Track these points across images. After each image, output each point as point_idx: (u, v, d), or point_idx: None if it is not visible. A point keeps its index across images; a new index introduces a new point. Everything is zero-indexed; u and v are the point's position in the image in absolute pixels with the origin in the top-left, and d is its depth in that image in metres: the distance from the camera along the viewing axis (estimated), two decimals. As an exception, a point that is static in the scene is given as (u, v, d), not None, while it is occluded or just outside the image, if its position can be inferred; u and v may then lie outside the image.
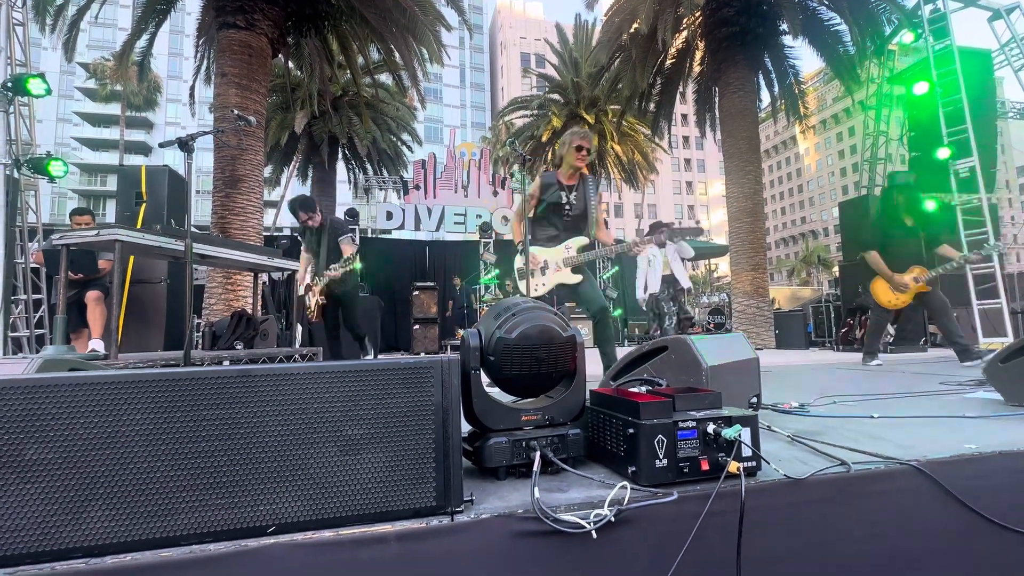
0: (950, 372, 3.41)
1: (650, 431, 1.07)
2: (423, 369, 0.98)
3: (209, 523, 0.84)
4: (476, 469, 1.20)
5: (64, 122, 44.73)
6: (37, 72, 4.99)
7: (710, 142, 12.94)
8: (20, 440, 0.78)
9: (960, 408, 2.01)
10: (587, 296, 3.07)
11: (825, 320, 8.84)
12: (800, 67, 10.53)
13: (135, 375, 0.84)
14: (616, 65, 11.78)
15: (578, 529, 0.94)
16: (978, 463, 1.27)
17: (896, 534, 1.15)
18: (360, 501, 0.91)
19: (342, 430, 0.92)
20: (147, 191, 5.64)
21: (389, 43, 9.23)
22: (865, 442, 1.43)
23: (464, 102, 58.63)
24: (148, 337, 5.46)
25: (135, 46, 9.07)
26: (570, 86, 18.71)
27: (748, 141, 9.53)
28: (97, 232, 3.31)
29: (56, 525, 0.78)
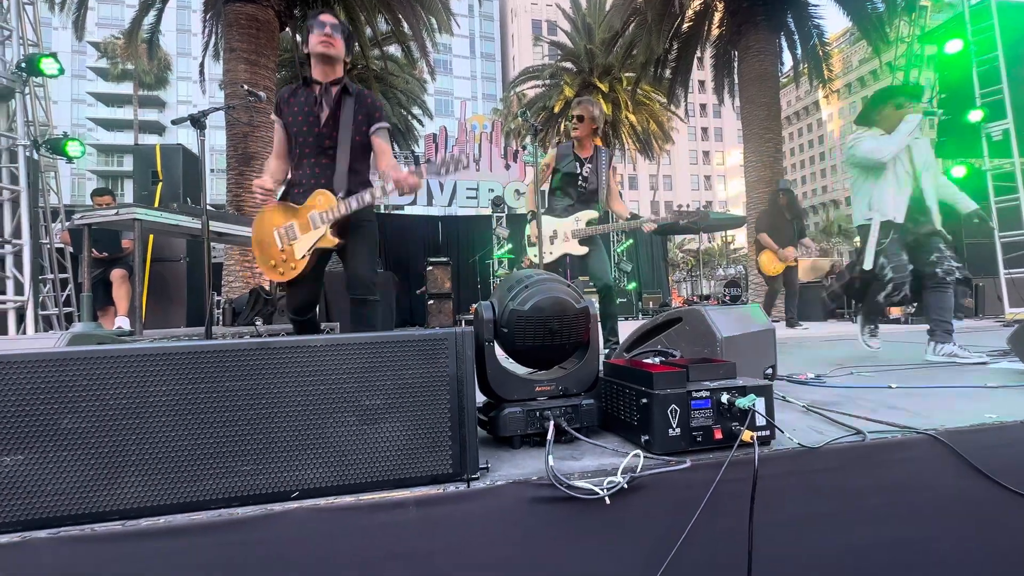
0: (973, 343, 3.34)
1: (663, 401, 1.07)
2: (438, 341, 0.99)
3: (236, 488, 0.88)
4: (491, 439, 1.22)
5: (78, 103, 45.05)
6: (49, 52, 5.00)
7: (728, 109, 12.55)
8: (55, 410, 0.81)
9: (982, 378, 1.98)
10: (593, 270, 3.12)
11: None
12: (825, 27, 10.05)
13: (161, 348, 0.87)
14: (631, 30, 11.38)
15: (591, 495, 0.96)
16: (998, 432, 1.25)
17: (912, 503, 1.15)
18: (379, 468, 0.94)
19: (360, 400, 0.94)
20: (162, 170, 5.70)
21: (397, 13, 9.03)
22: (882, 412, 1.42)
23: (474, 73, 57.42)
24: (170, 314, 5.61)
25: (143, 23, 9.02)
26: (583, 53, 18.18)
27: (768, 107, 9.21)
28: (116, 211, 3.37)
29: (93, 490, 0.82)
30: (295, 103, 2.12)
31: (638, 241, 13.24)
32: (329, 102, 2.11)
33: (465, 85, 56.03)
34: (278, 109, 2.15)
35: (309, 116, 2.10)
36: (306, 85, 2.15)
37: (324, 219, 2.06)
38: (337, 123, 2.12)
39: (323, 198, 2.06)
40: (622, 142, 19.05)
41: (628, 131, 18.77)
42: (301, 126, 2.11)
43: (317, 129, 2.11)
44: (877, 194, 2.76)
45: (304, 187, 2.10)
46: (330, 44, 2.08)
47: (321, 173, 2.12)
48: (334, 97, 2.12)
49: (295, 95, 2.14)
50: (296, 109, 2.12)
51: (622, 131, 18.68)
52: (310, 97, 2.12)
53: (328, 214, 2.05)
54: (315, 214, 2.06)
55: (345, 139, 2.11)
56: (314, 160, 2.12)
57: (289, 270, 2.10)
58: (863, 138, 2.77)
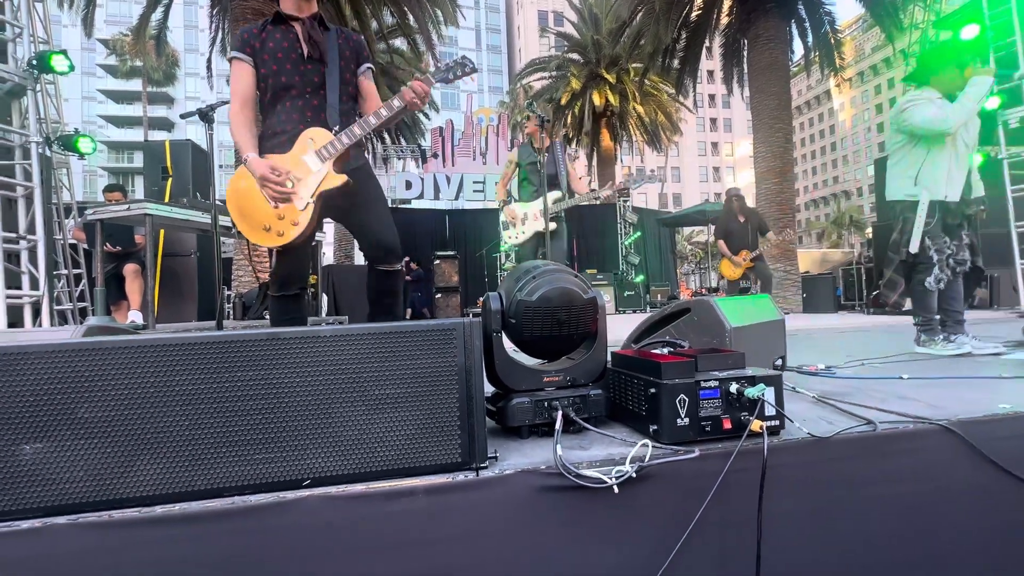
0: (988, 334, 3.30)
1: (672, 390, 1.07)
2: (446, 331, 1.00)
3: (249, 476, 0.89)
4: (500, 429, 1.23)
5: (89, 100, 45.50)
6: (59, 49, 5.04)
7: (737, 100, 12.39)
8: (72, 399, 0.83)
9: (995, 369, 1.95)
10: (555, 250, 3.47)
11: (856, 283, 8.58)
12: (836, 14, 9.87)
13: (175, 338, 0.88)
14: (638, 19, 11.25)
15: (600, 484, 0.96)
16: (1013, 423, 1.23)
17: (923, 494, 1.15)
18: (389, 457, 0.95)
19: (370, 390, 0.95)
20: (172, 165, 5.75)
21: (403, 6, 8.99)
22: (893, 402, 1.41)
23: (480, 65, 57.10)
24: (182, 308, 5.67)
25: (151, 19, 9.06)
26: (590, 44, 18.01)
27: (778, 97, 9.08)
28: (128, 207, 3.41)
29: (110, 477, 0.84)
30: (269, 40, 1.84)
31: (646, 234, 13.17)
32: (316, 37, 1.87)
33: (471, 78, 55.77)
34: (247, 47, 1.84)
35: (291, 53, 1.83)
36: (278, 22, 1.88)
37: (324, 155, 1.77)
38: (324, 57, 1.87)
39: (316, 134, 1.80)
40: (629, 134, 18.89)
41: (636, 122, 18.60)
42: (283, 63, 1.82)
43: (303, 66, 1.84)
44: (929, 168, 2.43)
45: (289, 133, 1.82)
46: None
47: (313, 114, 1.85)
48: (311, 33, 1.88)
49: (265, 32, 1.86)
50: (272, 46, 1.83)
51: (629, 122, 18.52)
52: (288, 33, 1.86)
53: (329, 148, 1.77)
54: (310, 154, 1.78)
55: (334, 73, 1.87)
56: (301, 102, 1.85)
57: (289, 227, 1.77)
58: (920, 102, 2.41)
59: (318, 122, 1.83)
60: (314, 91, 1.86)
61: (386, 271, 1.91)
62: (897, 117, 2.53)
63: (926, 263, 2.45)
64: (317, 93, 1.86)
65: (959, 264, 2.48)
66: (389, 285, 1.93)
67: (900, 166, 2.57)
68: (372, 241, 1.89)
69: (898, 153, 2.58)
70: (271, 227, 1.77)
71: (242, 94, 1.85)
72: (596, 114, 17.89)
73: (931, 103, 2.41)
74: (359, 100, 2.01)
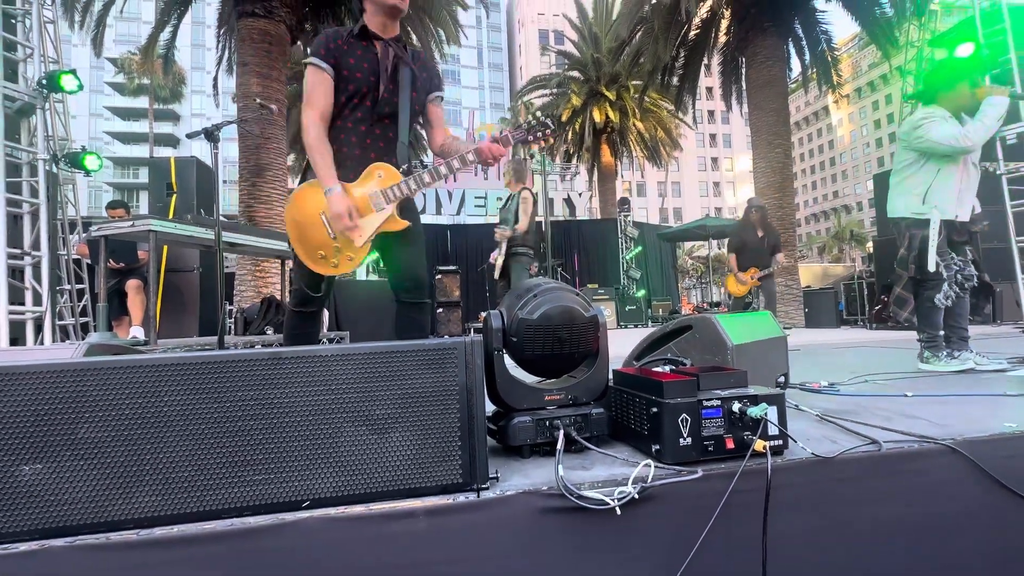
0: (993, 350, 3.28)
1: (674, 410, 1.07)
2: (447, 351, 1.00)
3: (248, 497, 0.88)
4: (501, 448, 1.22)
5: (96, 117, 46.16)
6: (69, 69, 5.14)
7: (736, 115, 12.52)
8: (73, 420, 0.83)
9: (1000, 386, 1.94)
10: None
11: (858, 297, 8.57)
12: (833, 32, 10.02)
13: (176, 358, 0.89)
14: (638, 38, 11.44)
15: (602, 506, 0.95)
16: (1019, 442, 1.22)
17: (929, 515, 1.13)
18: (389, 478, 0.94)
19: (370, 410, 0.95)
20: (177, 182, 5.81)
21: (406, 25, 9.15)
22: (898, 421, 1.40)
23: (482, 83, 57.95)
24: (183, 323, 5.68)
25: (159, 39, 9.24)
26: (590, 62, 18.27)
27: (777, 113, 9.18)
28: (132, 223, 3.44)
29: (109, 499, 0.84)
30: (353, 58, 1.71)
31: (647, 248, 13.21)
32: (390, 63, 1.76)
33: (473, 95, 56.54)
34: (328, 57, 1.69)
35: (370, 75, 1.72)
36: (361, 37, 1.75)
37: (391, 197, 1.70)
38: (398, 86, 1.76)
39: (386, 172, 1.71)
40: (630, 149, 19.06)
41: (635, 138, 18.78)
42: (361, 84, 1.71)
43: (378, 92, 1.74)
44: (940, 187, 2.39)
45: (354, 159, 1.72)
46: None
47: (378, 145, 1.76)
48: (394, 55, 1.77)
49: (351, 47, 1.72)
50: (353, 62, 1.70)
51: (629, 138, 18.69)
52: (368, 51, 1.74)
53: (396, 191, 1.69)
54: (377, 192, 1.69)
55: (406, 106, 1.77)
56: (366, 129, 1.74)
57: (345, 261, 1.72)
58: (936, 119, 2.36)
59: (387, 156, 1.77)
60: (380, 123, 1.78)
61: (415, 303, 1.86)
62: (910, 134, 2.47)
63: (935, 280, 2.42)
64: (386, 123, 1.79)
65: (967, 280, 2.46)
66: (419, 320, 1.86)
67: (907, 183, 2.52)
68: (406, 275, 1.84)
69: (906, 170, 2.54)
70: (327, 256, 1.72)
71: (322, 107, 1.70)
72: (596, 130, 18.09)
73: (946, 121, 2.38)
74: (426, 127, 1.96)
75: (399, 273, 1.85)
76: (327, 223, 1.69)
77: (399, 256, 1.84)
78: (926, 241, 2.43)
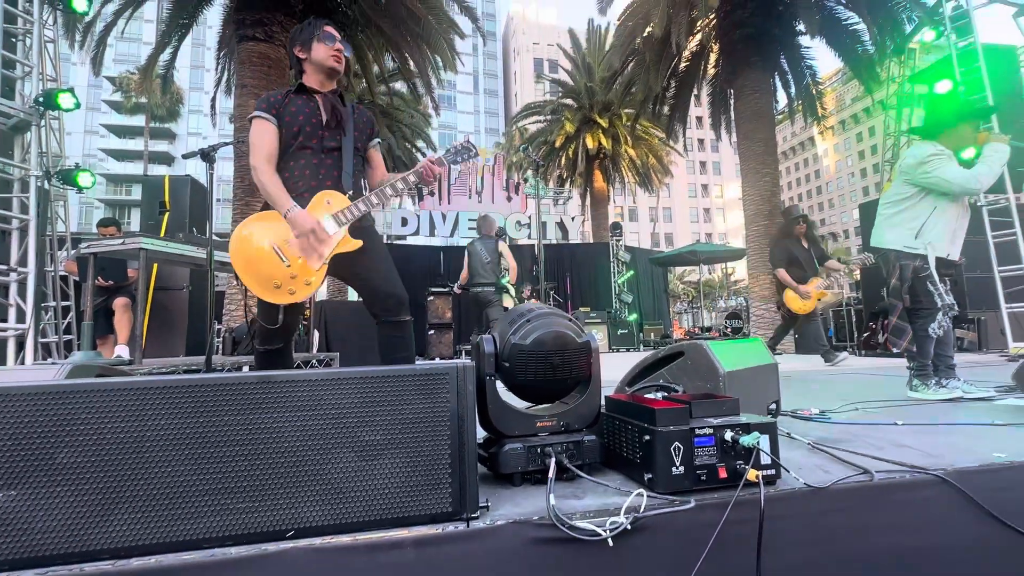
0: (979, 378, 3.31)
1: (666, 438, 1.06)
2: (439, 375, 0.99)
3: (230, 527, 0.86)
4: (491, 475, 1.20)
5: (91, 134, 46.23)
6: (67, 87, 5.17)
7: (726, 144, 12.83)
8: (52, 444, 0.81)
9: (989, 415, 1.95)
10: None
11: (847, 324, 8.65)
12: (817, 67, 10.39)
13: (161, 381, 0.87)
14: (630, 69, 11.76)
15: (594, 537, 0.93)
16: (1009, 473, 1.23)
17: (921, 546, 1.12)
18: (377, 506, 0.92)
19: (359, 436, 0.93)
20: (170, 200, 5.80)
21: (404, 52, 9.36)
22: (889, 450, 1.40)
23: (478, 108, 59.03)
24: (171, 342, 5.59)
25: (159, 60, 9.35)
26: (583, 91, 18.71)
27: (764, 143, 9.41)
28: (123, 241, 3.41)
29: (84, 527, 0.81)
30: (294, 108, 1.91)
31: (638, 272, 13.30)
32: (329, 109, 1.96)
33: (468, 119, 57.49)
34: (270, 109, 1.89)
35: (312, 118, 1.91)
36: (300, 92, 1.96)
37: (342, 219, 1.81)
38: (341, 126, 1.96)
39: (332, 197, 1.83)
40: (622, 175, 19.38)
41: (627, 165, 19.12)
42: (304, 125, 1.89)
43: (322, 131, 1.92)
44: (934, 224, 2.45)
45: (302, 190, 1.84)
46: (340, 60, 1.97)
47: (326, 174, 1.89)
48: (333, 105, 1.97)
49: (290, 101, 1.93)
50: (294, 110, 1.91)
51: (621, 165, 19.03)
52: (309, 102, 1.94)
53: (347, 213, 1.81)
54: (327, 216, 1.81)
55: (349, 144, 1.95)
56: (316, 161, 1.90)
57: (302, 287, 1.78)
58: (945, 157, 2.38)
59: (334, 185, 1.89)
60: (329, 154, 1.92)
61: (396, 322, 1.88)
62: (916, 168, 2.46)
63: (930, 309, 2.47)
64: (333, 156, 1.93)
65: (950, 309, 2.52)
66: (401, 340, 1.88)
67: (901, 216, 2.56)
68: (381, 293, 1.88)
69: (903, 203, 2.56)
70: (282, 285, 1.77)
71: (269, 151, 1.88)
72: (589, 156, 18.41)
73: (952, 160, 2.41)
74: (367, 169, 2.11)
75: (376, 292, 1.89)
76: (279, 253, 1.78)
77: (373, 275, 1.89)
78: (919, 272, 2.48)
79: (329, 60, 1.95)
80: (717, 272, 37.36)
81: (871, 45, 9.15)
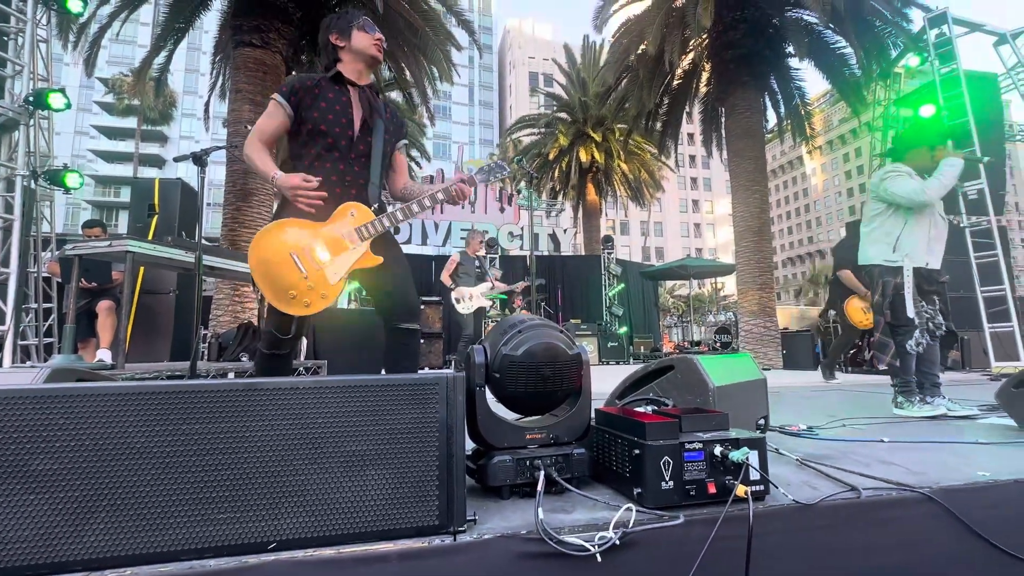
0: (963, 397, 3.35)
1: (656, 452, 1.05)
2: (428, 385, 0.98)
3: (209, 538, 0.83)
4: (479, 488, 1.18)
5: (81, 134, 45.74)
6: (58, 87, 5.12)
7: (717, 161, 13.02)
8: (27, 450, 0.78)
9: (973, 434, 1.97)
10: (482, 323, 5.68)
11: (833, 340, 8.74)
12: (806, 89, 10.61)
13: (143, 386, 0.85)
14: (623, 85, 11.92)
15: (582, 552, 0.92)
16: (992, 491, 1.24)
17: (907, 563, 1.12)
18: (362, 519, 0.90)
19: (345, 446, 0.92)
20: (160, 203, 5.74)
21: (400, 61, 9.41)
22: (876, 467, 1.40)
23: (472, 119, 59.40)
24: (155, 347, 5.49)
25: (153, 63, 9.30)
26: (577, 105, 18.94)
27: (754, 161, 9.56)
28: (109, 243, 3.36)
29: (57, 537, 0.78)
30: (322, 97, 1.79)
31: (629, 286, 13.36)
32: (366, 105, 1.84)
33: (463, 130, 57.81)
34: (293, 96, 1.78)
35: (342, 116, 1.79)
36: (335, 82, 1.84)
37: (364, 235, 1.72)
38: (371, 130, 1.84)
39: (357, 210, 1.74)
40: (614, 189, 19.55)
41: (620, 179, 19.31)
42: (333, 126, 1.77)
43: (351, 132, 1.80)
44: (907, 237, 2.59)
45: (326, 198, 1.72)
46: (381, 50, 1.87)
47: (352, 181, 1.79)
48: (368, 102, 1.86)
49: (322, 90, 1.81)
50: (325, 105, 1.78)
51: (614, 179, 19.21)
52: (340, 95, 1.82)
53: (369, 228, 1.72)
54: (351, 230, 1.72)
55: (379, 149, 1.84)
56: (342, 167, 1.78)
57: (318, 300, 1.68)
58: (901, 175, 2.59)
59: (358, 195, 1.80)
60: (357, 159, 1.82)
61: (406, 329, 1.82)
62: (878, 186, 2.69)
63: (907, 326, 2.53)
64: (360, 162, 1.83)
65: (936, 328, 2.57)
66: (413, 347, 1.83)
67: (878, 232, 2.69)
68: (400, 299, 1.82)
69: (876, 219, 2.71)
70: (297, 296, 1.68)
71: (268, 133, 1.79)
72: (582, 169, 18.58)
73: (910, 176, 2.61)
74: (389, 173, 2.00)
75: (392, 298, 1.82)
76: (298, 262, 1.67)
77: (390, 281, 1.82)
78: (899, 288, 2.56)
79: (371, 48, 1.85)
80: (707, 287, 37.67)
81: (858, 69, 9.38)
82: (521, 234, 12.15)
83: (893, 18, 8.43)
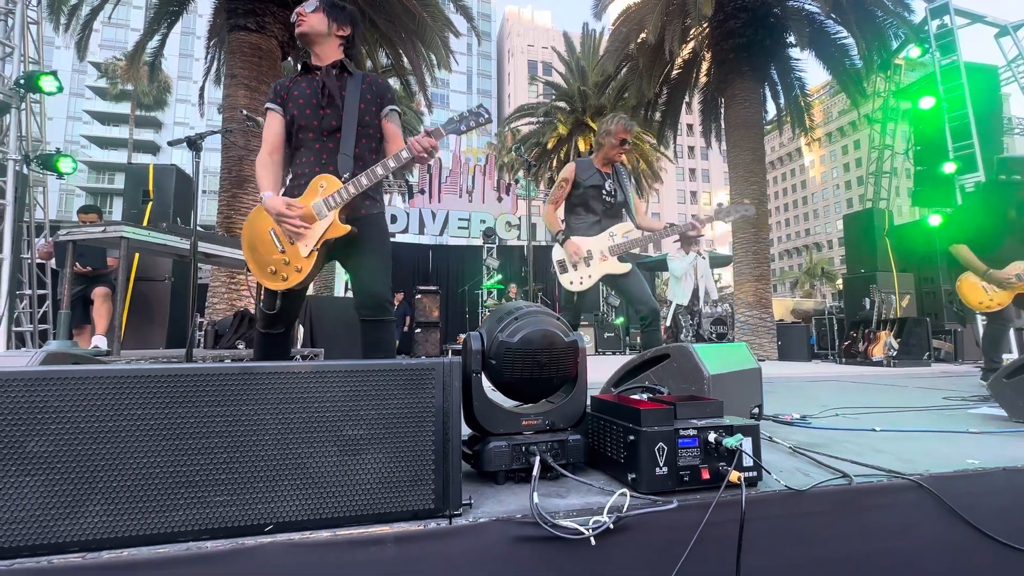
0: (954, 387, 3.39)
1: (651, 438, 1.06)
2: (425, 371, 0.98)
3: (206, 520, 0.84)
4: (475, 473, 1.19)
5: (74, 120, 45.18)
6: (49, 70, 5.04)
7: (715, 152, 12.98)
8: (23, 432, 0.78)
9: (963, 423, 1.99)
10: (637, 294, 2.71)
11: (828, 332, 8.81)
12: (806, 80, 10.55)
13: (140, 369, 0.85)
14: (623, 74, 11.84)
15: (577, 535, 0.93)
16: (981, 479, 1.26)
17: (897, 549, 1.14)
18: (358, 502, 0.91)
19: (342, 430, 0.92)
20: (154, 189, 5.69)
21: (398, 48, 9.31)
22: (867, 455, 1.42)
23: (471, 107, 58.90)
24: (151, 334, 5.48)
25: (147, 47, 9.17)
26: (576, 94, 18.80)
27: (753, 152, 9.54)
28: (104, 229, 3.33)
29: (54, 518, 0.78)
30: (297, 91, 1.89)
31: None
32: (331, 83, 1.88)
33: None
34: (278, 98, 1.90)
35: (312, 99, 1.87)
36: (306, 72, 1.93)
37: (331, 204, 1.75)
38: (342, 104, 1.88)
39: (326, 181, 1.78)
40: (612, 179, 19.51)
41: (618, 169, 19.26)
42: (304, 109, 1.86)
43: (321, 111, 1.87)
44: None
45: (306, 177, 1.82)
46: (303, 22, 1.88)
47: (328, 158, 1.85)
48: (334, 78, 1.90)
49: (295, 84, 1.91)
50: (297, 94, 1.88)
51: (613, 169, 19.16)
52: (312, 82, 1.90)
53: (335, 197, 1.75)
54: (318, 201, 1.76)
55: (350, 121, 1.86)
56: (318, 146, 1.86)
57: (293, 273, 1.77)
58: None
59: (331, 168, 1.83)
60: (330, 135, 1.87)
61: (373, 321, 1.82)
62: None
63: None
64: (333, 137, 1.88)
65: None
66: (383, 340, 1.84)
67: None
68: (363, 290, 1.83)
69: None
70: (276, 271, 1.79)
71: (271, 141, 1.90)
72: (581, 159, 18.53)
73: None
74: (383, 142, 1.99)
75: (359, 290, 1.85)
76: (275, 238, 1.80)
77: (356, 272, 1.87)
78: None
79: (296, 30, 1.92)
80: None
81: (859, 59, 9.33)
82: (519, 224, 12.12)
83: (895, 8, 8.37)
